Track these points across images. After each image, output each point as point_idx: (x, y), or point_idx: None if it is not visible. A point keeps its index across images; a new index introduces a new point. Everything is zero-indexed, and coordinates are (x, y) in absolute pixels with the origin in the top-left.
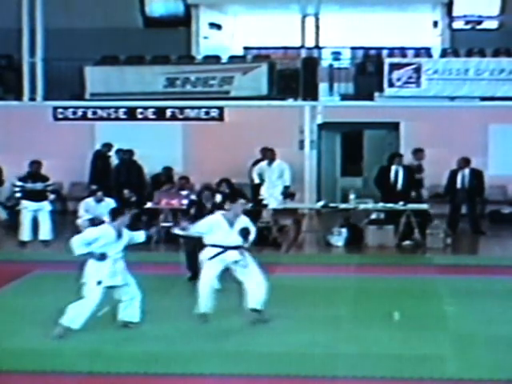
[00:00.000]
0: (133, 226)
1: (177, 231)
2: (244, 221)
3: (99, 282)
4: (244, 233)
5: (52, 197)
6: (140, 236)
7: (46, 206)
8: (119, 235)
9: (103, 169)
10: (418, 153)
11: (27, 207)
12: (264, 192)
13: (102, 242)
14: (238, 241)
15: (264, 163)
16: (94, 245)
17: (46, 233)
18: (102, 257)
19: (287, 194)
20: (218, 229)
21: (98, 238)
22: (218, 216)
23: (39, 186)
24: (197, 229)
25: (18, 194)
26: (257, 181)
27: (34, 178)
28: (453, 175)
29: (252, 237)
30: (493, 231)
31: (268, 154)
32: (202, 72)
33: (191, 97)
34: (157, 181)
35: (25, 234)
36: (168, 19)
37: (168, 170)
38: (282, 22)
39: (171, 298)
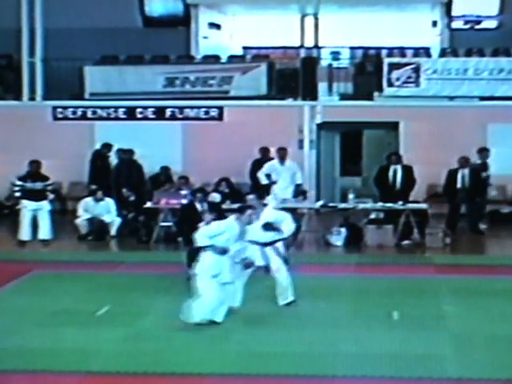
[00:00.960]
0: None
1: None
2: None
3: (215, 276)
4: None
5: (51, 196)
6: None
7: (45, 206)
8: (241, 232)
9: (103, 168)
10: (482, 151)
11: (27, 206)
12: (278, 191)
13: (225, 237)
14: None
15: (275, 162)
16: (217, 238)
17: (45, 232)
18: (223, 251)
19: (299, 192)
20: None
21: (224, 232)
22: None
23: (39, 185)
24: None
25: (18, 194)
26: (265, 182)
27: (34, 178)
28: (452, 175)
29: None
30: (492, 231)
31: (280, 153)
32: (201, 72)
33: (191, 96)
34: (156, 180)
35: (24, 233)
36: (167, 19)
37: (166, 170)
38: (281, 21)
39: (171, 297)
